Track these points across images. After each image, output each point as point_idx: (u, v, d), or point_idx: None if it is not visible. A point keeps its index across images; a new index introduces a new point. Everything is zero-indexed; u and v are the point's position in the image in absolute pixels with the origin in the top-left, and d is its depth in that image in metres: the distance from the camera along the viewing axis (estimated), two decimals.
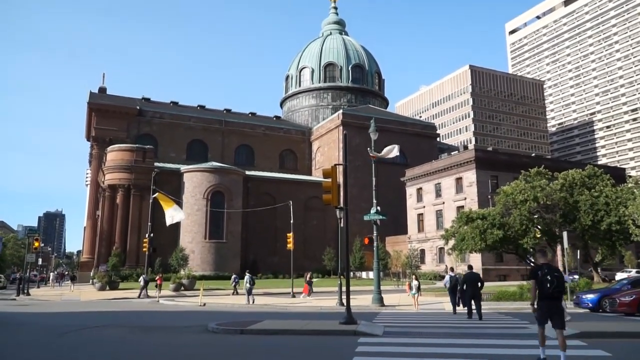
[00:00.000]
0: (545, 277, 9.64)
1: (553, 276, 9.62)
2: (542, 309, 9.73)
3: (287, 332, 14.85)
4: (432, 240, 67.94)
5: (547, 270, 9.73)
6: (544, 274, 9.67)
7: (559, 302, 9.83)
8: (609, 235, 41.37)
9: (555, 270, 9.87)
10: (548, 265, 9.95)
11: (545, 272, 9.70)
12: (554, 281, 9.56)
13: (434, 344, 12.57)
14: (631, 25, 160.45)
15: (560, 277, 9.71)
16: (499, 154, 76.61)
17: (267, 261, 71.41)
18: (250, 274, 30.64)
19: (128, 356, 11.43)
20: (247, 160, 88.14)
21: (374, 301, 26.41)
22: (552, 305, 9.65)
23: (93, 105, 79.26)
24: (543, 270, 9.75)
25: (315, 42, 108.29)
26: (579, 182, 43.16)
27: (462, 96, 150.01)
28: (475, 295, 19.20)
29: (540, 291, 9.68)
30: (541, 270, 9.78)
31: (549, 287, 9.56)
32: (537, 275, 9.79)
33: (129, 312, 24.65)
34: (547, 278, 9.61)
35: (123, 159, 68.57)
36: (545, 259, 10.20)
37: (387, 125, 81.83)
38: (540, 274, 9.73)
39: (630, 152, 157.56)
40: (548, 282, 9.59)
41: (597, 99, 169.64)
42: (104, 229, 67.88)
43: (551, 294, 9.59)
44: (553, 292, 9.57)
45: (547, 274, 9.66)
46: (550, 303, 9.63)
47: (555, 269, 9.90)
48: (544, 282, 9.63)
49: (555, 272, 9.73)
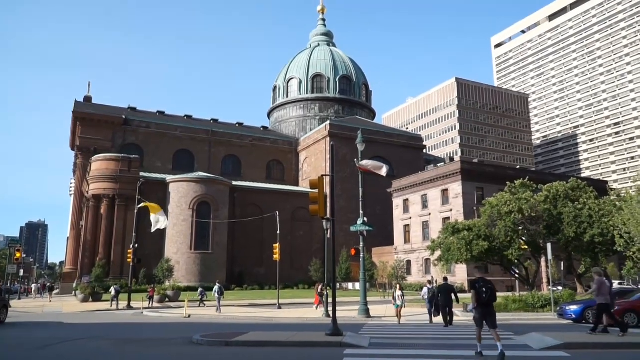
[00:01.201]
0: (481, 288, 12.07)
1: (487, 288, 12.08)
2: (479, 313, 12.21)
3: (273, 343, 14.76)
4: (418, 251, 68.11)
5: (482, 283, 12.16)
6: (480, 286, 12.11)
7: (492, 308, 12.23)
8: (592, 247, 41.80)
9: (489, 283, 12.27)
10: (483, 279, 12.31)
11: (481, 285, 12.14)
12: (488, 292, 12.01)
13: (419, 356, 12.58)
14: (614, 40, 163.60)
15: (492, 288, 12.12)
16: (485, 166, 77.26)
17: (253, 272, 71.05)
18: (219, 285, 32.73)
19: None
20: (233, 170, 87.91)
21: (361, 312, 26.36)
22: (486, 310, 12.12)
23: (78, 114, 78.58)
24: (480, 283, 12.16)
25: (303, 53, 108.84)
26: (563, 194, 43.64)
27: (448, 108, 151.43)
28: (448, 304, 21.07)
29: (478, 299, 12.07)
30: (478, 283, 12.19)
31: (485, 296, 11.99)
32: (475, 287, 12.20)
33: (112, 324, 24.33)
34: (483, 290, 12.05)
35: (108, 169, 68.02)
36: (481, 274, 12.73)
37: (374, 136, 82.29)
38: (477, 286, 12.14)
39: (613, 165, 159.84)
40: (484, 293, 12.03)
41: (580, 113, 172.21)
42: (88, 240, 67.08)
43: (486, 302, 12.03)
44: (487, 300, 11.99)
45: (482, 286, 12.11)
46: (485, 309, 12.12)
47: (488, 282, 12.27)
48: (480, 292, 12.07)
49: (488, 285, 12.16)
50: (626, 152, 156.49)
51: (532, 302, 27.07)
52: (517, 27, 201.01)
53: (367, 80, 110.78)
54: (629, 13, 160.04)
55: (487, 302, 12.08)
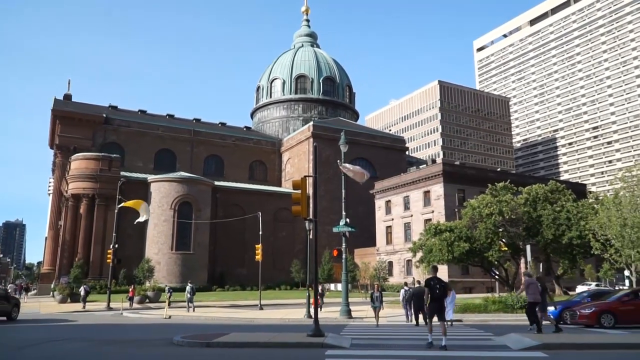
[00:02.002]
0: (434, 286, 14.05)
1: (440, 285, 14.06)
2: (431, 308, 14.07)
3: (254, 344, 14.71)
4: (400, 252, 68.49)
5: (435, 282, 14.10)
6: (434, 284, 14.06)
7: (442, 303, 14.16)
8: (570, 249, 42.53)
9: (441, 281, 14.25)
10: (436, 278, 14.25)
11: (435, 283, 14.07)
12: (440, 289, 13.99)
13: (400, 356, 12.66)
14: (593, 45, 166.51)
15: (444, 286, 14.11)
16: (466, 168, 78.02)
17: (235, 273, 70.72)
18: (191, 285, 33.45)
19: None
20: (216, 170, 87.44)
21: (342, 313, 26.41)
22: (438, 305, 13.96)
23: (57, 113, 77.37)
24: (433, 281, 14.12)
25: (286, 53, 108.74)
26: (542, 197, 44.32)
27: (430, 111, 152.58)
28: (421, 307, 21.07)
29: (431, 295, 14.00)
30: (432, 281, 14.15)
31: (437, 292, 13.93)
32: (429, 284, 14.16)
33: (91, 325, 24.03)
34: (436, 287, 14.03)
35: (88, 168, 67.10)
36: (434, 273, 14.54)
37: (357, 137, 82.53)
38: (432, 284, 14.10)
39: (591, 169, 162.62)
40: (436, 289, 13.98)
41: (560, 117, 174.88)
42: (67, 240, 66.12)
43: (438, 297, 13.95)
44: (439, 296, 13.94)
45: (435, 284, 14.06)
46: (437, 303, 13.96)
47: (441, 281, 14.25)
48: (434, 289, 14.01)
49: (441, 283, 14.15)
50: (604, 156, 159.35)
51: (511, 303, 27.37)
52: (499, 31, 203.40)
53: (350, 82, 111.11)
54: (608, 19, 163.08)
55: (439, 297, 13.99)
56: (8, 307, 25.70)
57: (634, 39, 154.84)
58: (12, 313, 25.87)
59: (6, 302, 25.80)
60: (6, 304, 25.67)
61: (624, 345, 14.25)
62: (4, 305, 25.50)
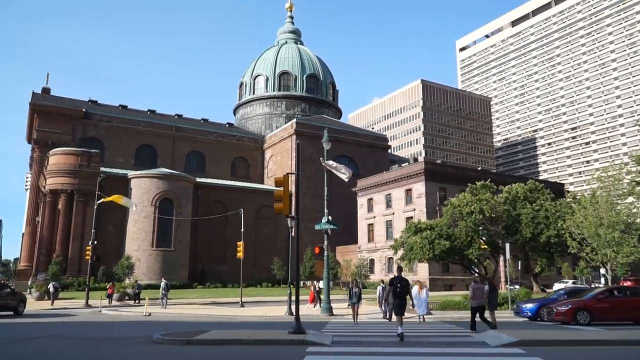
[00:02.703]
0: (397, 284, 15.82)
1: (401, 284, 15.81)
2: (395, 304, 15.92)
3: (235, 342, 14.66)
4: (381, 250, 68.83)
5: (398, 280, 15.88)
6: (397, 283, 15.81)
7: (404, 300, 15.99)
8: (548, 248, 43.16)
9: (403, 280, 16.00)
10: (399, 277, 15.98)
11: (398, 281, 15.85)
12: (402, 287, 15.77)
13: (380, 353, 12.74)
14: (573, 47, 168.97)
15: (405, 285, 15.88)
16: (448, 167, 78.67)
17: (216, 270, 70.39)
18: (166, 281, 34.38)
19: None
20: (198, 167, 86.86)
21: (324, 310, 26.49)
22: (401, 301, 15.81)
23: (35, 107, 76.10)
24: (396, 280, 15.90)
25: (270, 50, 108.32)
26: (522, 196, 44.89)
27: (413, 109, 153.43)
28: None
29: (394, 293, 15.84)
30: (395, 280, 15.95)
31: (399, 291, 15.72)
32: (392, 283, 16.06)
33: (69, 322, 23.71)
34: (398, 285, 15.82)
35: (67, 163, 66.11)
36: (399, 273, 16.33)
37: (340, 135, 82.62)
38: (394, 283, 15.90)
39: (569, 169, 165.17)
40: (399, 288, 15.75)
41: (539, 117, 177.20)
42: (44, 236, 65.09)
43: (400, 294, 15.77)
44: (401, 294, 15.74)
45: (398, 283, 15.83)
46: (399, 300, 15.80)
47: (403, 279, 15.98)
48: (396, 287, 15.78)
49: (403, 282, 15.89)
50: (582, 156, 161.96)
51: None
52: (481, 32, 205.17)
53: (334, 80, 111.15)
54: (588, 22, 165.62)
55: (401, 294, 15.80)
56: (14, 302, 27.18)
57: (612, 41, 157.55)
58: (18, 308, 27.37)
59: (13, 298, 27.27)
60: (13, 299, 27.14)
61: (599, 342, 14.55)
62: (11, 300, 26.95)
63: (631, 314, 21.34)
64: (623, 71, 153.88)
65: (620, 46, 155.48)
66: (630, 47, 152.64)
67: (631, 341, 14.53)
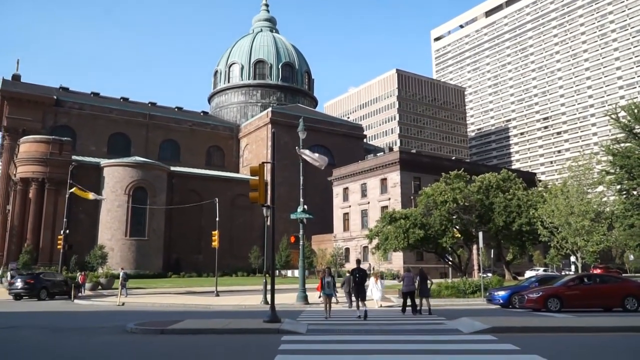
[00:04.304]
0: (356, 274, 19.17)
1: (359, 274, 19.06)
2: (354, 289, 19.22)
3: (209, 331, 14.59)
4: (357, 239, 69.26)
5: (357, 271, 19.22)
6: (356, 273, 19.17)
7: (363, 287, 19.27)
8: (520, 236, 44.03)
9: (361, 270, 19.36)
10: (358, 268, 19.33)
11: (356, 272, 19.21)
12: (359, 277, 19.01)
13: (355, 341, 12.84)
14: (545, 38, 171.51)
15: (362, 275, 19.23)
16: (422, 157, 79.36)
17: (191, 259, 69.93)
18: (124, 271, 35.46)
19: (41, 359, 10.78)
20: (172, 155, 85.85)
21: (299, 299, 26.56)
22: (359, 288, 18.89)
23: (5, 94, 74.19)
24: (355, 271, 19.31)
25: (245, 38, 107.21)
26: (495, 185, 45.61)
27: (388, 99, 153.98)
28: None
29: (354, 281, 19.20)
30: (354, 270, 19.41)
31: (358, 279, 18.96)
32: (353, 273, 19.60)
33: (40, 312, 23.28)
34: (357, 275, 19.09)
35: (38, 151, 64.63)
36: (358, 265, 19.70)
37: (315, 125, 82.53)
38: (354, 273, 19.39)
39: (541, 158, 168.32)
40: (356, 277, 19.00)
41: (512, 107, 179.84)
42: (15, 225, 63.75)
43: (358, 282, 18.94)
44: (359, 282, 18.92)
45: (356, 273, 19.17)
46: (358, 287, 18.92)
47: (361, 270, 19.34)
48: (355, 276, 19.12)
49: (361, 272, 19.21)
50: (553, 145, 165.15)
51: (463, 288, 28.19)
52: (456, 22, 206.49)
53: (309, 68, 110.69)
54: (560, 12, 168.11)
55: (359, 282, 18.92)
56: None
57: (584, 32, 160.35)
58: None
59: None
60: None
61: (569, 329, 14.91)
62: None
63: (601, 301, 21.85)
64: (594, 62, 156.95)
65: (592, 37, 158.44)
66: (602, 37, 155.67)
67: (600, 327, 14.94)
